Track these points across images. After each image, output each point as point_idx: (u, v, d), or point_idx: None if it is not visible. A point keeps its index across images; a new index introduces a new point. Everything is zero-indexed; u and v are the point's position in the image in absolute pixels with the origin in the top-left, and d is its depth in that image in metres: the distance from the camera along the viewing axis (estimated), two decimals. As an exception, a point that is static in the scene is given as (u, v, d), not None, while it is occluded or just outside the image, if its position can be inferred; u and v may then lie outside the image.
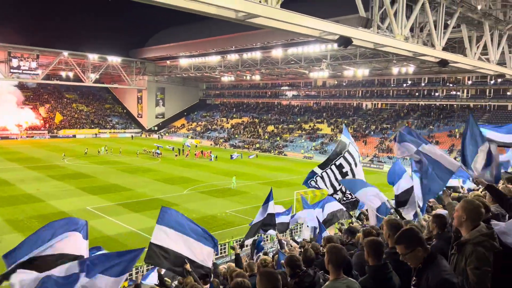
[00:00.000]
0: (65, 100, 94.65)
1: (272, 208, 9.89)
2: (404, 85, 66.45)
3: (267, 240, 21.66)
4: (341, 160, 9.35)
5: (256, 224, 9.94)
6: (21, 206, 27.95)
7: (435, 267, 3.47)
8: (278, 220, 10.78)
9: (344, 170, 9.28)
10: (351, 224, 10.70)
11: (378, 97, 69.89)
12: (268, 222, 9.73)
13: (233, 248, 8.19)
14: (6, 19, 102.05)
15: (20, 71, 68.95)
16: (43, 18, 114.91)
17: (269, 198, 9.92)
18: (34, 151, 57.72)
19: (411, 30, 18.04)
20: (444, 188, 6.39)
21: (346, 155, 9.37)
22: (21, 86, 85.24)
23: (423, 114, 61.93)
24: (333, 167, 9.34)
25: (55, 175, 39.40)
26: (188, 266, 5.89)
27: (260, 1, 11.98)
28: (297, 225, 22.63)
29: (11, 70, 67.47)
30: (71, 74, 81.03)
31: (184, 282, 5.95)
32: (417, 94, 64.88)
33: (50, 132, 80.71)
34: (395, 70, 58.04)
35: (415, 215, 7.38)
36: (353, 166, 9.31)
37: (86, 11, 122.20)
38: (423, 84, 64.07)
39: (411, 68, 55.54)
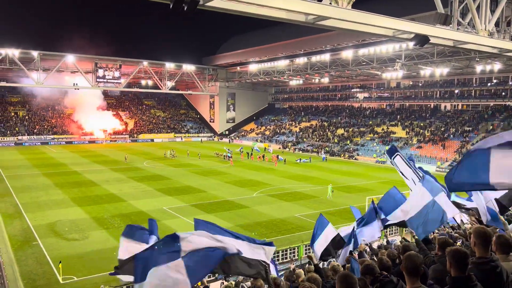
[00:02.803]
0: (144, 106, 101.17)
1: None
2: (489, 84, 61.36)
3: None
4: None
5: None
6: (105, 205, 30.29)
7: None
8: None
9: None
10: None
11: (459, 97, 65.27)
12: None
13: (310, 258, 8.00)
14: (94, 33, 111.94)
15: (105, 80, 74.96)
16: (125, 29, 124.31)
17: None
18: (116, 154, 62.36)
19: (497, 25, 16.71)
20: None
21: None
22: (105, 94, 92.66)
23: (511, 116, 56.64)
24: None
25: (135, 177, 42.17)
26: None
27: (330, 3, 11.84)
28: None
29: (97, 80, 73.67)
30: (150, 82, 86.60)
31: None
32: (503, 94, 59.55)
33: (131, 137, 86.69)
34: (478, 69, 53.89)
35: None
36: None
37: (162, 22, 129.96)
38: (511, 83, 58.67)
39: (496, 66, 51.22)
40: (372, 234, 8.78)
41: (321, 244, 9.42)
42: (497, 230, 6.26)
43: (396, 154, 8.91)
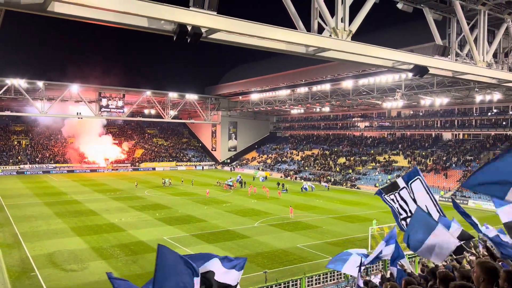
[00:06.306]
0: (146, 135, 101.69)
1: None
2: (489, 113, 61.73)
3: (340, 278, 20.78)
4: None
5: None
6: (104, 234, 29.92)
7: None
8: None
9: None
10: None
11: (460, 127, 65.50)
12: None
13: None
14: (98, 63, 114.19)
15: (109, 110, 75.79)
16: (129, 60, 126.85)
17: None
18: (118, 183, 62.12)
19: (494, 56, 16.99)
20: None
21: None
22: (108, 123, 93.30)
23: (512, 145, 56.67)
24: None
25: (136, 206, 41.84)
26: None
27: (330, 35, 12.10)
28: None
29: (101, 109, 74.47)
30: (153, 111, 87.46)
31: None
32: (504, 123, 59.81)
33: (133, 165, 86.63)
34: (477, 98, 54.32)
35: None
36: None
37: (165, 53, 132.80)
38: (511, 113, 59.02)
39: (496, 96, 51.67)
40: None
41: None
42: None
43: (416, 177, 8.38)
